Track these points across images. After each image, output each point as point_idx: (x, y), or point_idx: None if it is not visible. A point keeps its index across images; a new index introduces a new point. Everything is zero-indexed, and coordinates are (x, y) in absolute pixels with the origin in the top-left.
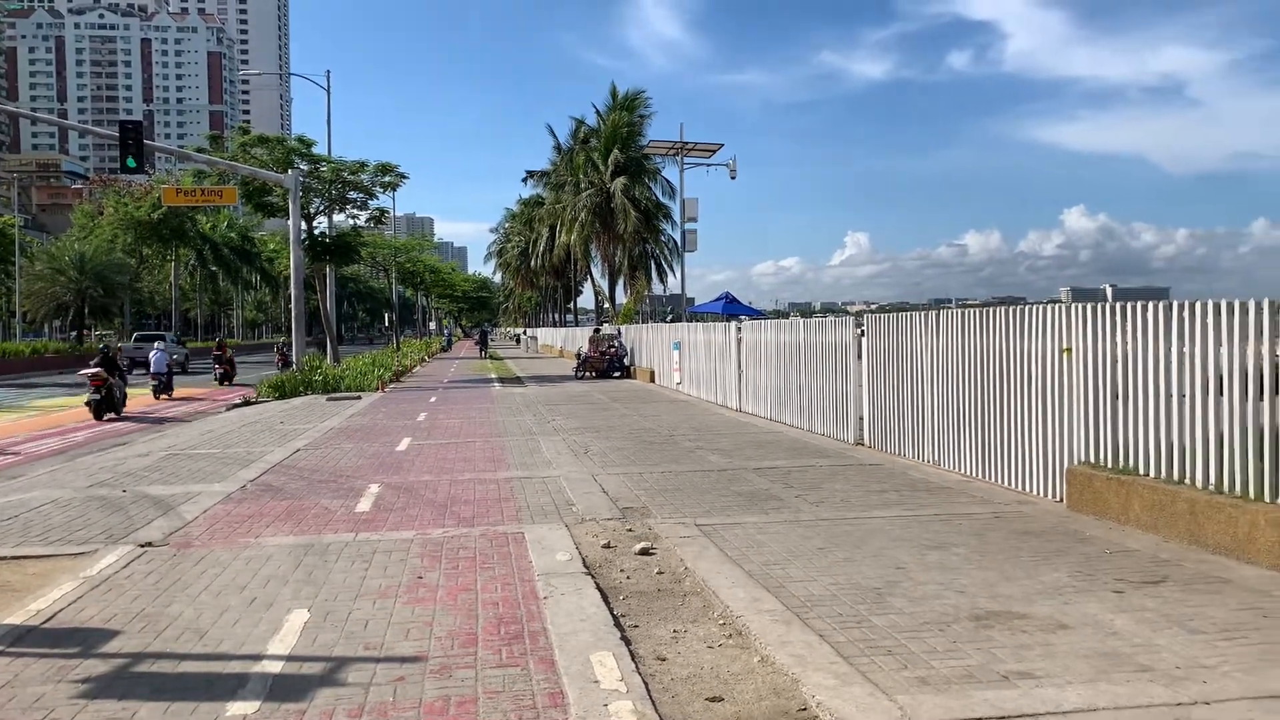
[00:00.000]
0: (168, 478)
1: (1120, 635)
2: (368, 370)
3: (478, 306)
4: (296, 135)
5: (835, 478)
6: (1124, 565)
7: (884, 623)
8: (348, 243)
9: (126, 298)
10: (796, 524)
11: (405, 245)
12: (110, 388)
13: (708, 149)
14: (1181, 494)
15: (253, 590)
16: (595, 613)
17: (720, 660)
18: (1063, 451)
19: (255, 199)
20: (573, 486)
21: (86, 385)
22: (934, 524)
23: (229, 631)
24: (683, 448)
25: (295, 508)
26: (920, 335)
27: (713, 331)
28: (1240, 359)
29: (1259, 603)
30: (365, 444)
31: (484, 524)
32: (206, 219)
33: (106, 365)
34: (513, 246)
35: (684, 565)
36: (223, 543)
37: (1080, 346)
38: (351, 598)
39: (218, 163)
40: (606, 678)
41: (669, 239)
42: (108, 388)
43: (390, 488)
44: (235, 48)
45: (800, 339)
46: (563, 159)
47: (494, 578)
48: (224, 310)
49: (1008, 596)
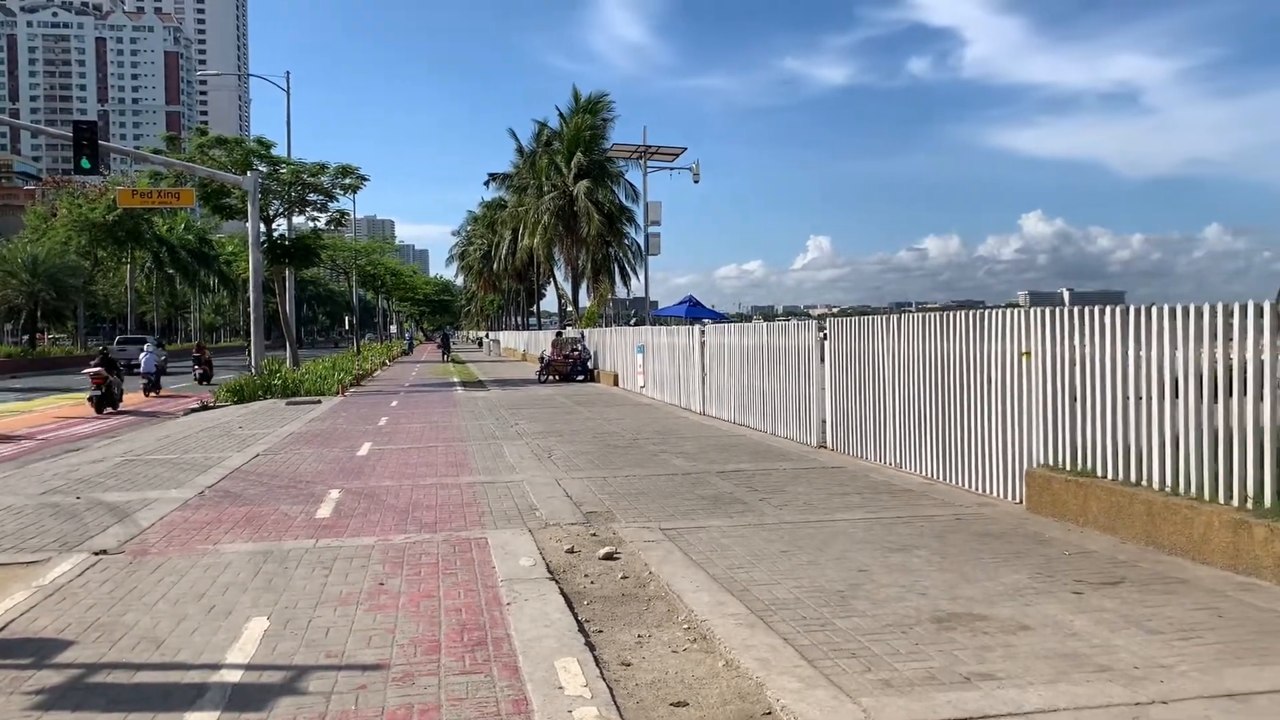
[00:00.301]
0: (124, 484)
1: (1080, 636)
2: (328, 374)
3: (439, 310)
4: (255, 136)
5: (798, 481)
6: (1083, 566)
7: (847, 625)
8: (307, 245)
9: (80, 301)
10: (760, 527)
11: (366, 248)
12: (110, 385)
13: (671, 152)
14: (1139, 496)
15: (211, 598)
16: (559, 618)
17: (685, 665)
18: (1022, 454)
19: (213, 201)
20: (536, 491)
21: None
22: (896, 526)
23: (187, 640)
24: (647, 451)
25: (254, 514)
26: (881, 339)
27: (676, 335)
28: (1195, 362)
29: (1214, 603)
30: (326, 449)
31: (447, 529)
32: (163, 221)
33: (106, 365)
34: (475, 249)
35: (648, 570)
36: (180, 550)
37: (1039, 350)
38: (312, 605)
39: (174, 164)
40: (571, 684)
41: (632, 242)
42: (107, 385)
43: (351, 493)
44: (193, 47)
45: (763, 342)
46: (525, 162)
47: (457, 584)
48: (181, 313)
49: (969, 598)
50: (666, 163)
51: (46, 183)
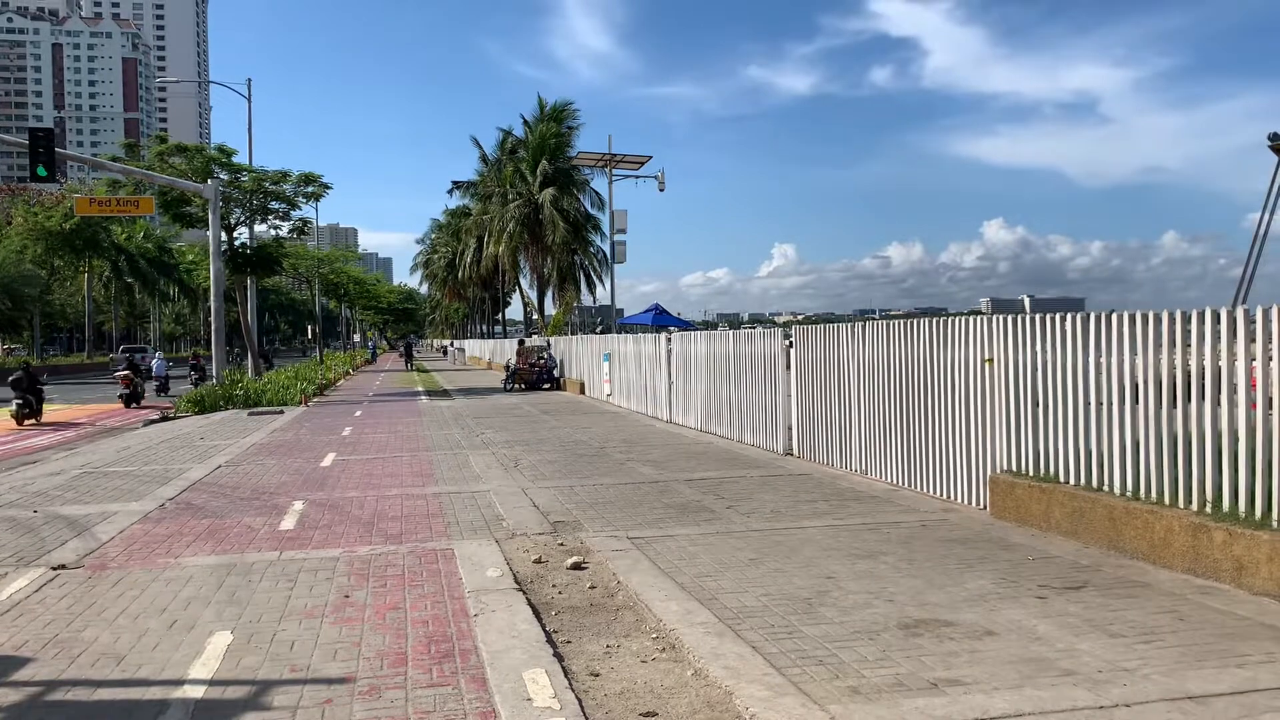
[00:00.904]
0: (82, 497)
1: (1044, 640)
2: (290, 384)
3: (403, 318)
4: (216, 144)
5: (765, 488)
6: (1046, 571)
7: (815, 633)
8: (269, 254)
9: (36, 311)
10: (728, 535)
11: (329, 256)
12: (135, 385)
13: (636, 160)
14: (1100, 500)
15: (173, 612)
16: (527, 629)
17: (654, 675)
18: (986, 460)
19: (173, 209)
20: (503, 501)
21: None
22: (863, 533)
23: (148, 656)
24: (614, 460)
25: (217, 526)
26: (847, 346)
27: (643, 343)
28: (1154, 368)
29: (1175, 605)
30: (289, 460)
31: (412, 541)
32: (122, 229)
33: (132, 369)
34: (439, 258)
35: (616, 579)
36: (141, 564)
37: (1002, 357)
38: (277, 618)
39: (133, 172)
40: (539, 695)
41: (598, 250)
42: (133, 386)
43: (315, 505)
44: (152, 54)
45: (730, 350)
46: (490, 170)
47: (423, 595)
48: (140, 323)
49: (935, 604)
50: (632, 171)
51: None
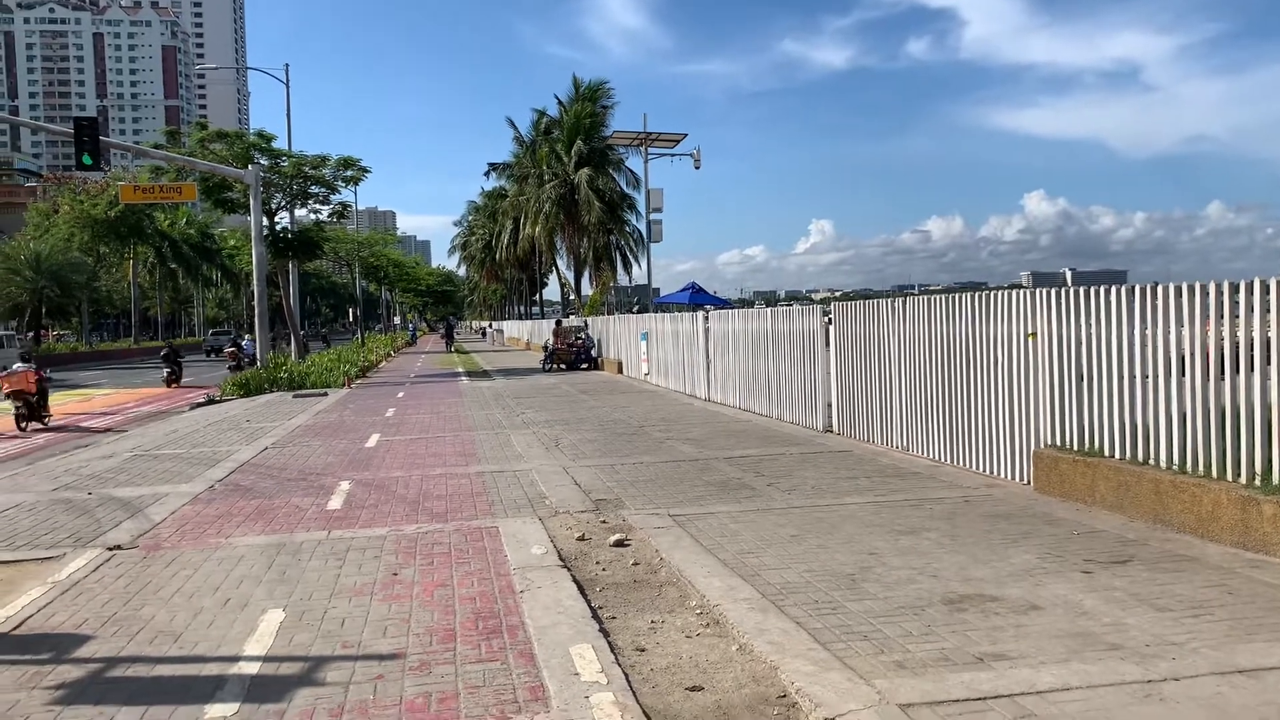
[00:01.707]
0: (134, 479)
1: (1090, 615)
2: (333, 366)
3: (442, 300)
4: (256, 130)
5: (806, 465)
6: (1092, 546)
7: (859, 608)
8: (310, 238)
9: (84, 297)
10: (769, 512)
11: (368, 240)
12: (240, 360)
13: (672, 139)
14: (1146, 474)
15: (226, 591)
16: (573, 605)
17: (699, 650)
18: (1029, 435)
19: (215, 195)
20: (545, 479)
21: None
22: (905, 509)
23: (204, 633)
24: (653, 438)
25: (266, 507)
26: (887, 322)
27: (680, 322)
28: (1201, 340)
29: (1224, 580)
30: (334, 441)
31: (457, 519)
32: (165, 216)
33: (236, 348)
34: (476, 239)
35: (659, 556)
36: (193, 544)
37: (1045, 331)
38: (327, 596)
39: (175, 159)
40: (587, 670)
41: (634, 229)
42: (238, 361)
43: (361, 484)
44: (190, 41)
45: (768, 328)
46: (525, 151)
47: (470, 573)
48: (184, 308)
49: (979, 579)
50: (667, 149)
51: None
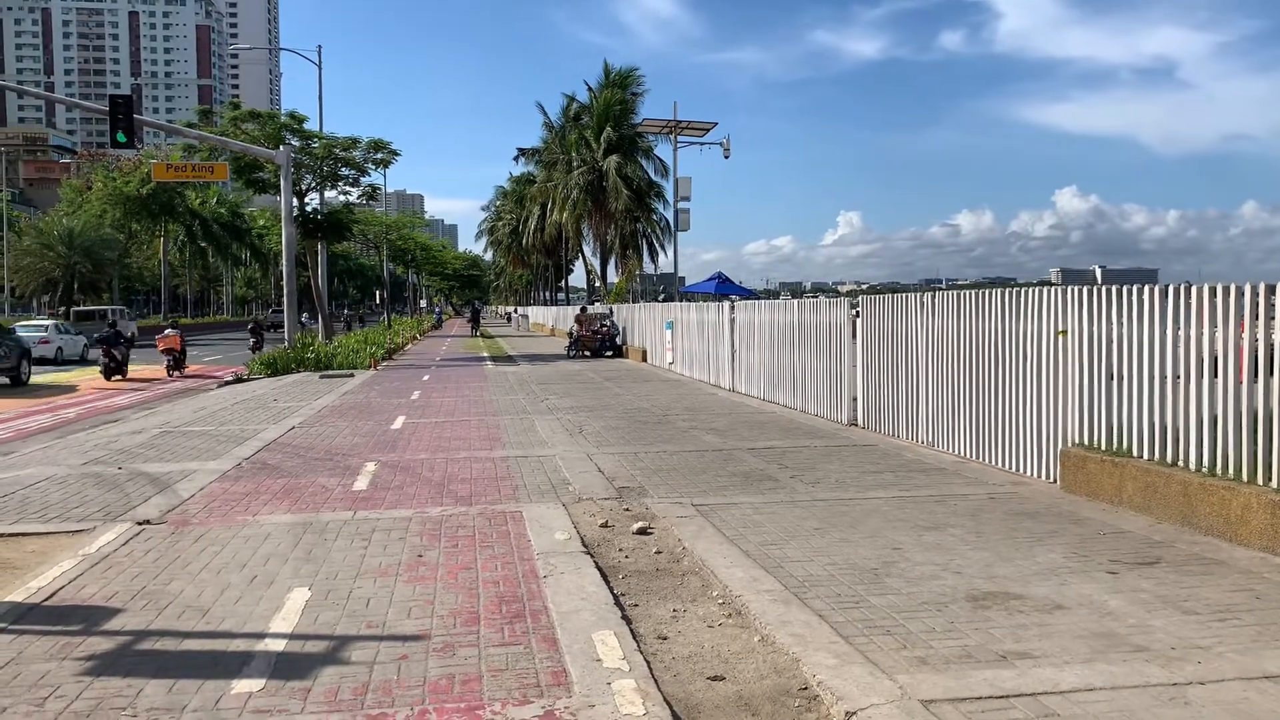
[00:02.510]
0: (163, 455)
1: (1115, 616)
2: (360, 348)
3: (468, 284)
4: (288, 111)
5: (830, 458)
6: (1118, 546)
7: (882, 603)
8: (340, 220)
9: (115, 273)
10: (793, 504)
11: (396, 223)
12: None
13: (701, 128)
14: (1175, 476)
15: (253, 568)
16: (595, 592)
17: (720, 640)
18: (1057, 433)
19: (246, 175)
20: (569, 465)
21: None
22: (929, 505)
23: (231, 610)
24: (677, 427)
25: (292, 485)
26: (915, 316)
27: (705, 311)
28: (1234, 342)
29: (1252, 584)
30: (360, 422)
31: (482, 503)
32: (196, 194)
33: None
34: (504, 225)
35: (682, 545)
36: (221, 520)
37: (1075, 329)
38: (352, 576)
39: (208, 138)
40: (609, 656)
41: (661, 218)
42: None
43: (387, 466)
44: (224, 21)
45: (794, 319)
46: (554, 136)
47: (494, 556)
48: (213, 286)
49: (1004, 577)
50: (696, 138)
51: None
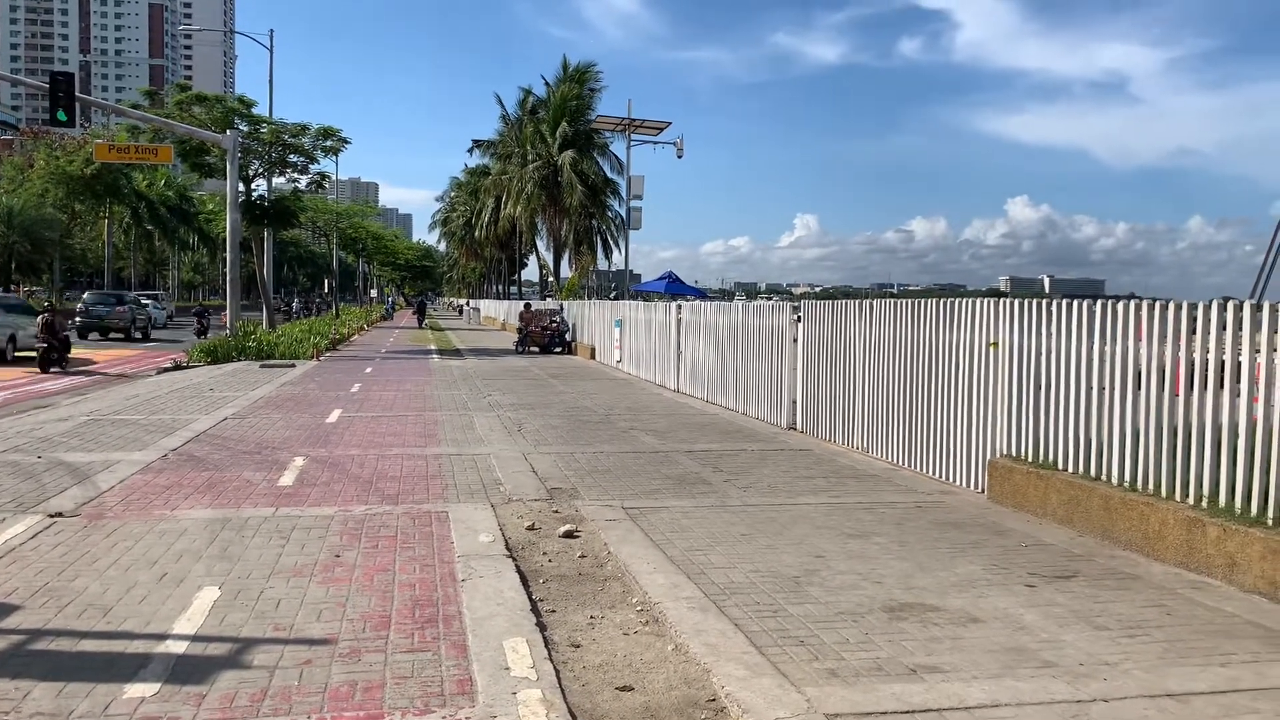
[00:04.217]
0: (87, 444)
1: (1028, 630)
2: (304, 337)
3: (421, 275)
4: (237, 95)
5: (765, 462)
6: (1038, 559)
7: (800, 612)
8: (287, 207)
9: (56, 254)
10: (723, 509)
11: (347, 211)
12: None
13: (655, 126)
14: (1097, 490)
15: (164, 565)
16: (513, 597)
17: (634, 648)
18: (986, 443)
19: (192, 159)
20: (503, 465)
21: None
22: (857, 512)
23: (135, 609)
24: (617, 428)
25: (216, 479)
26: (854, 323)
27: (654, 311)
28: (1158, 358)
29: (1164, 600)
30: (294, 414)
31: (409, 502)
32: (143, 176)
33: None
34: (458, 216)
35: (607, 549)
36: (137, 514)
37: (1006, 341)
38: (265, 575)
39: (152, 119)
40: (518, 665)
41: (616, 215)
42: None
43: (316, 461)
44: (178, 1)
45: (738, 322)
46: (510, 129)
47: (413, 558)
48: (160, 270)
49: (922, 588)
50: (651, 136)
51: (24, 133)
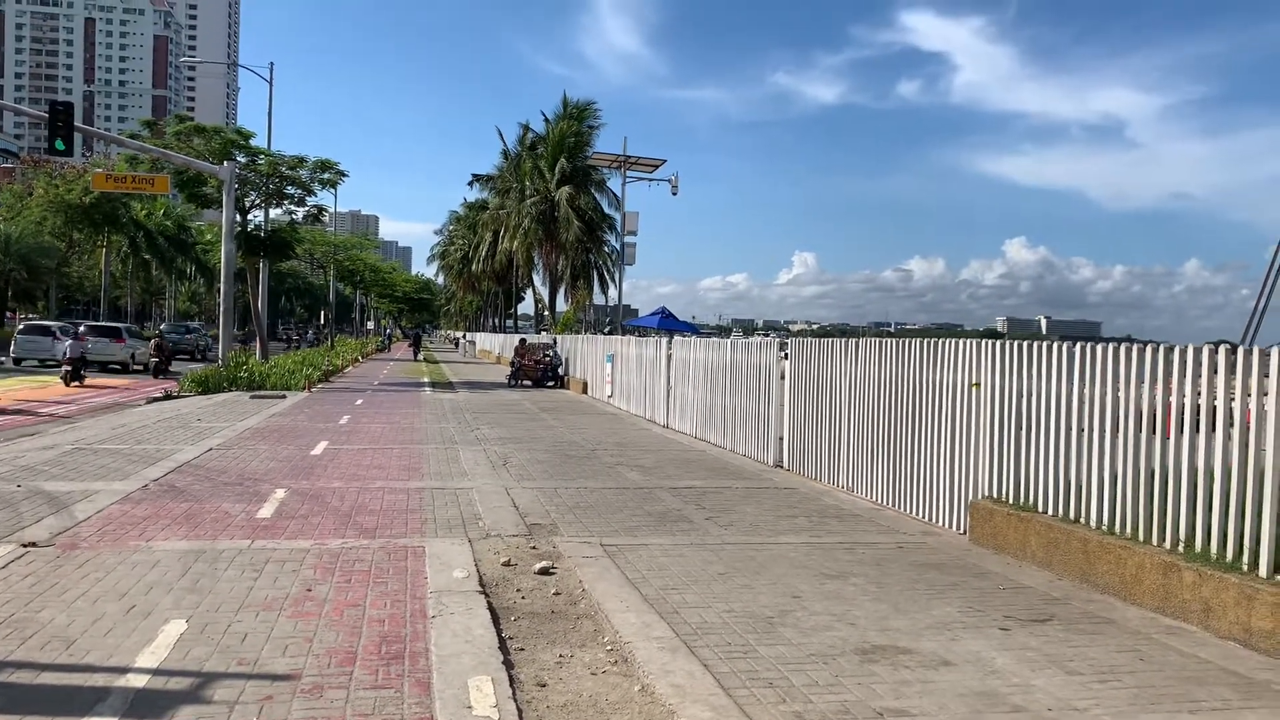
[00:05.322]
0: (69, 473)
1: (1000, 674)
2: (296, 369)
3: (418, 308)
4: (235, 127)
5: (749, 500)
6: (1015, 602)
7: (771, 653)
8: (283, 238)
9: (53, 282)
10: (702, 547)
11: (345, 243)
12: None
13: (651, 164)
14: (1076, 533)
15: (133, 597)
16: (482, 634)
17: (601, 688)
18: (968, 485)
19: (189, 189)
20: (484, 500)
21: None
22: (837, 552)
23: (99, 641)
24: (603, 463)
25: (194, 510)
26: (841, 362)
27: (645, 346)
28: (1135, 401)
29: (1138, 644)
30: (280, 446)
31: (385, 536)
32: (142, 205)
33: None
34: (456, 249)
35: (582, 587)
36: (112, 545)
37: (988, 382)
38: (234, 609)
39: (150, 150)
40: (480, 704)
41: (612, 250)
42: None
43: (297, 494)
44: (183, 33)
45: (727, 359)
46: (509, 164)
47: (385, 593)
48: (156, 299)
49: (897, 630)
50: (646, 173)
51: (25, 161)
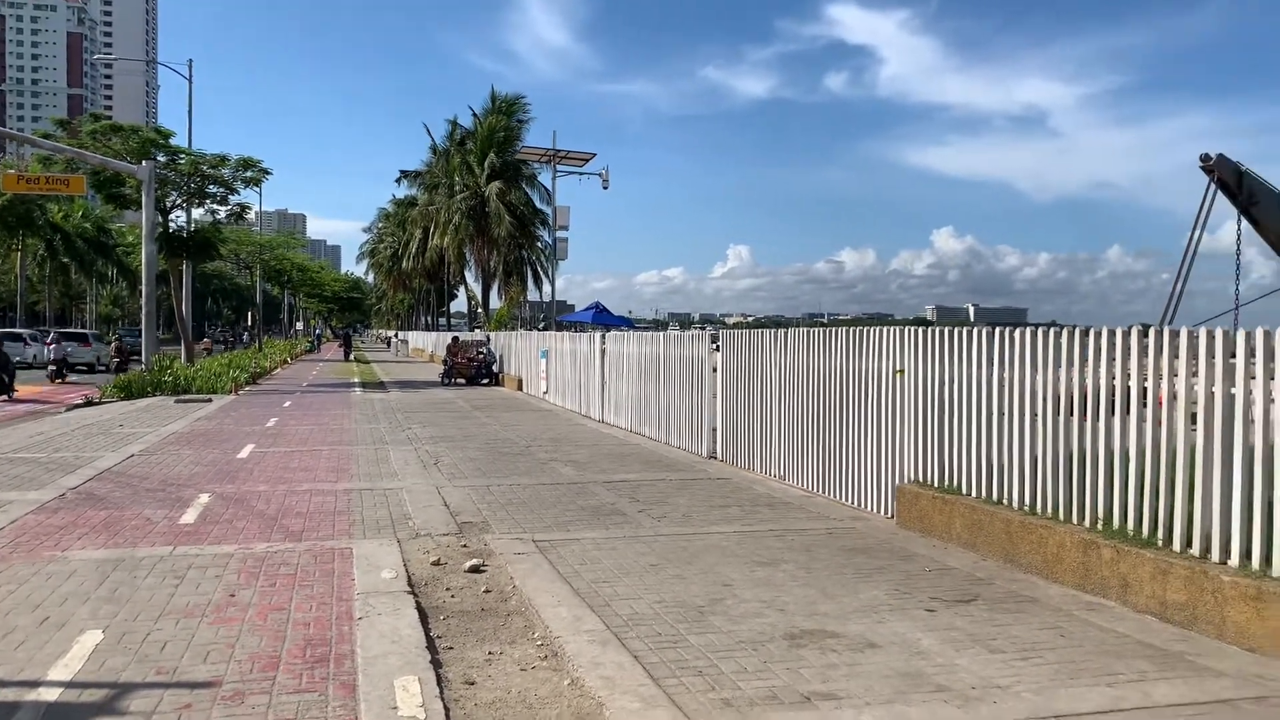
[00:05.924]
0: None
1: (925, 655)
2: (222, 371)
3: (349, 307)
4: (154, 125)
5: (682, 492)
6: (940, 583)
7: (701, 642)
8: (207, 238)
9: None
10: (635, 539)
11: (271, 242)
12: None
13: (581, 157)
14: (999, 514)
15: (47, 609)
16: (410, 634)
17: (530, 684)
18: (894, 469)
19: (107, 190)
20: (414, 499)
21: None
22: (768, 539)
23: (9, 655)
24: (537, 459)
25: (114, 518)
26: (770, 352)
27: (579, 342)
28: (1053, 384)
29: (1060, 622)
30: (205, 450)
31: (312, 538)
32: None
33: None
34: (385, 247)
35: (513, 583)
36: (25, 556)
37: (911, 368)
38: (154, 617)
39: (64, 150)
40: (407, 704)
41: (545, 245)
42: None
43: (221, 498)
44: (98, 30)
45: (660, 352)
46: (439, 160)
47: (311, 596)
48: (76, 304)
49: (824, 615)
50: (576, 167)
51: None
